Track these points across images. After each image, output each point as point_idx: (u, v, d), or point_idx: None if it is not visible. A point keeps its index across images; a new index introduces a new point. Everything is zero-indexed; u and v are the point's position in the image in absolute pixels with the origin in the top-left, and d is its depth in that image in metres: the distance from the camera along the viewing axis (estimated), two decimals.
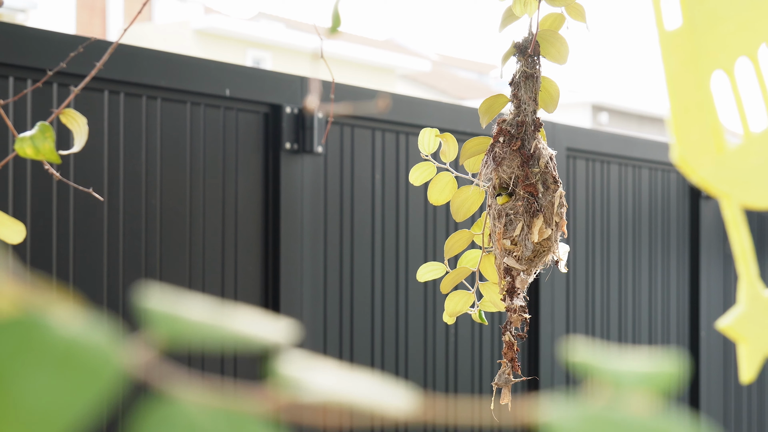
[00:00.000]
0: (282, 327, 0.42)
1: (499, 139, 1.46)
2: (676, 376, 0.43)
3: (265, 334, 0.41)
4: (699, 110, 0.90)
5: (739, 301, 0.92)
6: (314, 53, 1.72)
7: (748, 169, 0.93)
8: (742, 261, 0.92)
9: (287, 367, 0.40)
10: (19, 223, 1.47)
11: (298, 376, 0.40)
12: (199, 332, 0.39)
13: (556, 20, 1.45)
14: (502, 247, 1.46)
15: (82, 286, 2.51)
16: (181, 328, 0.39)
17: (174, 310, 0.40)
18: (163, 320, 0.39)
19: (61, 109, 1.49)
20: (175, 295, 0.42)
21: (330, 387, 0.40)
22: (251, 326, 0.41)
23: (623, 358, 0.44)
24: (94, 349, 0.36)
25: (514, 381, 1.48)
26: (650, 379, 0.42)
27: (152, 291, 0.41)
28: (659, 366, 0.43)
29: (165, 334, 0.39)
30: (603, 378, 0.42)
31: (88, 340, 0.36)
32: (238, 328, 0.41)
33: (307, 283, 3.01)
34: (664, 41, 0.89)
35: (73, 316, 0.37)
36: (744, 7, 0.93)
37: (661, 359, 0.44)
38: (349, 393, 0.40)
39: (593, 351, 0.44)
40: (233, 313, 0.42)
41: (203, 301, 0.42)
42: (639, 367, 0.43)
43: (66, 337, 0.36)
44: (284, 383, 0.39)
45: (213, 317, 0.41)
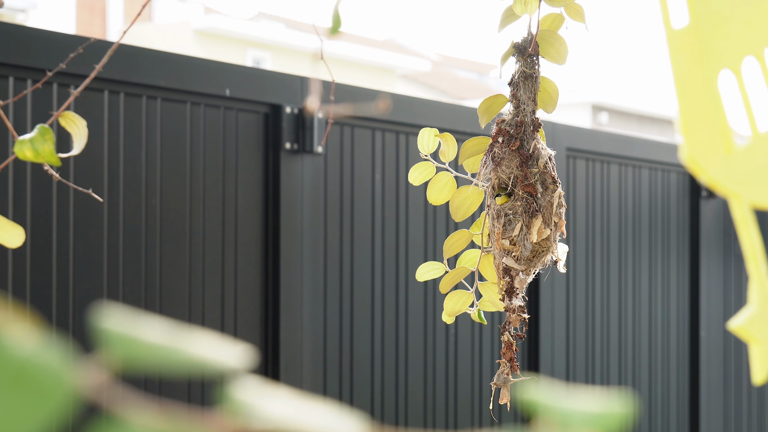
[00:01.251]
0: (237, 352, 0.42)
1: (498, 139, 1.46)
2: (623, 417, 0.44)
3: (219, 359, 0.41)
4: (707, 109, 0.90)
5: (750, 301, 0.92)
6: (314, 53, 1.72)
7: (757, 168, 0.93)
8: (753, 261, 0.91)
9: (240, 393, 0.40)
10: (18, 227, 1.47)
11: (250, 402, 0.40)
12: (154, 355, 0.39)
13: (555, 20, 1.45)
14: (501, 247, 1.46)
15: (82, 286, 2.51)
16: (136, 350, 0.39)
17: (130, 332, 0.40)
18: (118, 341, 0.39)
19: (60, 112, 1.49)
20: (133, 316, 0.42)
21: (281, 414, 0.40)
22: (207, 350, 0.41)
23: (573, 398, 0.44)
24: (47, 370, 0.36)
25: (513, 381, 1.48)
26: (598, 419, 0.43)
27: (110, 311, 0.41)
28: (608, 406, 0.44)
29: (120, 356, 0.39)
30: (552, 417, 0.43)
31: (41, 360, 0.36)
32: (194, 352, 0.41)
33: (307, 283, 3.01)
34: (671, 40, 0.89)
35: (27, 336, 0.37)
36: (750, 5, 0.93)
37: (610, 399, 0.45)
38: (300, 421, 0.40)
39: (544, 390, 0.44)
40: (190, 336, 0.42)
41: (161, 323, 0.42)
42: (588, 406, 0.44)
43: (19, 357, 0.36)
44: (236, 409, 0.39)
45: (170, 340, 0.41)
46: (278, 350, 2.92)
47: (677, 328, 4.55)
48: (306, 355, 3.00)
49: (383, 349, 3.26)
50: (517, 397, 0.44)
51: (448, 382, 3.48)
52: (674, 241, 4.55)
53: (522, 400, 0.44)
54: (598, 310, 4.15)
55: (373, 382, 3.23)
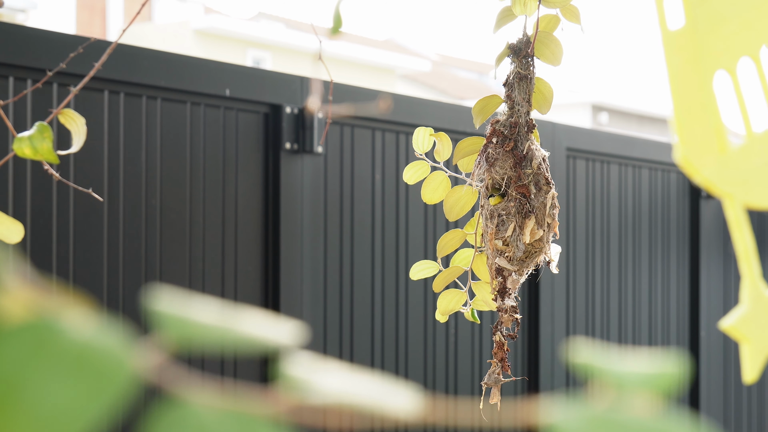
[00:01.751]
0: (288, 329, 0.42)
1: (492, 140, 1.46)
2: (678, 378, 0.43)
3: (272, 336, 0.41)
4: (702, 110, 0.90)
5: (741, 301, 0.92)
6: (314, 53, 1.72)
7: (751, 169, 0.93)
8: (745, 261, 0.92)
9: (294, 369, 0.41)
10: (17, 223, 1.47)
11: (305, 378, 0.40)
12: (208, 335, 0.40)
13: (551, 22, 1.45)
14: (494, 247, 1.46)
15: (82, 286, 2.51)
16: (191, 330, 0.40)
17: (183, 313, 0.40)
18: (172, 323, 0.40)
19: (59, 109, 1.50)
20: (183, 297, 0.42)
21: (336, 389, 0.40)
22: (258, 328, 0.41)
23: (625, 360, 0.44)
24: (107, 353, 0.36)
25: (504, 381, 1.48)
26: (652, 380, 0.42)
27: (161, 293, 0.41)
28: (661, 367, 0.43)
29: (174, 337, 0.39)
30: (605, 379, 0.42)
31: (100, 344, 0.36)
32: (246, 331, 0.41)
33: (307, 283, 3.01)
34: (667, 41, 0.89)
35: (85, 320, 0.37)
36: (746, 7, 0.93)
37: (663, 360, 0.44)
38: (355, 394, 0.40)
39: (596, 352, 0.44)
40: (240, 315, 0.42)
41: (210, 303, 0.42)
42: (641, 368, 0.43)
43: (79, 342, 0.36)
44: (292, 385, 0.40)
45: (221, 319, 0.41)
46: None
47: (677, 328, 4.55)
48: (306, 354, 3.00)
49: (383, 349, 3.26)
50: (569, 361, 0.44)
51: (448, 381, 3.48)
52: (674, 241, 4.55)
53: (575, 363, 0.43)
54: (598, 310, 4.15)
55: None
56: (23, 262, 2.41)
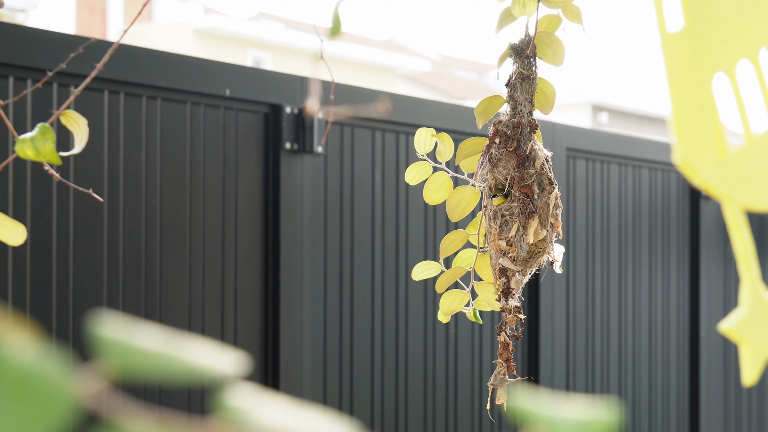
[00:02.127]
0: (233, 359, 0.42)
1: (495, 140, 1.46)
2: (612, 425, 0.44)
3: (216, 366, 0.41)
4: (701, 112, 0.90)
5: (741, 303, 0.92)
6: (314, 54, 1.72)
7: (750, 171, 0.93)
8: (744, 263, 0.92)
9: (236, 400, 0.40)
10: (19, 225, 1.47)
11: (246, 410, 0.40)
12: (151, 363, 0.39)
13: (553, 22, 1.45)
14: (498, 247, 1.46)
15: (82, 286, 2.51)
16: (133, 358, 0.39)
17: (127, 339, 0.40)
18: (115, 349, 0.39)
19: (61, 110, 1.50)
20: (130, 323, 0.42)
21: (277, 421, 0.40)
22: (201, 357, 0.41)
23: (561, 405, 0.44)
24: (48, 379, 0.36)
25: (510, 381, 1.48)
26: (585, 427, 0.43)
27: (106, 319, 0.41)
28: (595, 414, 0.44)
29: (118, 364, 0.39)
30: (541, 425, 0.43)
31: (41, 369, 0.36)
32: (191, 359, 0.41)
33: (307, 283, 3.01)
34: (666, 43, 0.89)
35: (27, 346, 0.37)
36: (745, 9, 0.93)
37: (598, 407, 0.45)
38: (295, 428, 0.40)
39: (533, 398, 0.44)
40: (187, 343, 0.42)
41: (157, 330, 0.42)
42: (576, 415, 0.44)
43: (20, 367, 0.36)
44: (232, 416, 0.39)
45: (166, 347, 0.41)
46: (278, 350, 2.92)
47: (677, 328, 4.55)
48: (306, 355, 3.00)
49: (383, 349, 3.27)
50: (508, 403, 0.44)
51: (448, 382, 3.49)
52: (674, 241, 4.55)
53: (512, 407, 0.44)
54: (598, 310, 4.15)
55: (373, 381, 3.23)
56: (22, 264, 2.41)
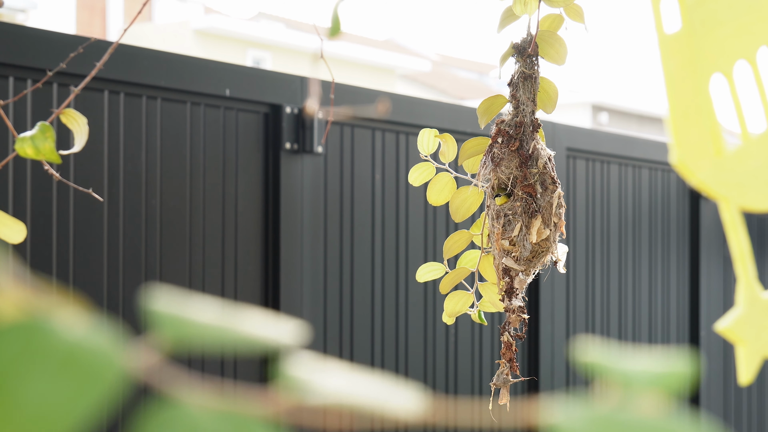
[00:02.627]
0: (289, 328, 0.42)
1: (497, 140, 1.46)
2: (687, 377, 0.42)
3: (271, 336, 0.41)
4: (698, 113, 0.90)
5: (737, 303, 0.93)
6: (314, 53, 1.72)
7: (747, 171, 0.93)
8: (741, 263, 0.92)
9: (294, 369, 0.40)
10: (19, 223, 1.47)
11: (304, 379, 0.40)
12: (205, 335, 0.39)
13: (555, 21, 1.45)
14: (501, 247, 1.46)
15: (82, 286, 2.51)
16: (187, 330, 0.39)
17: (180, 313, 0.40)
18: (168, 323, 0.39)
19: (61, 109, 1.50)
20: (181, 296, 0.41)
21: (336, 389, 0.39)
22: (258, 328, 0.41)
23: (633, 358, 0.43)
24: (97, 353, 0.36)
25: (513, 381, 1.48)
26: (660, 379, 0.41)
27: (158, 293, 0.41)
28: (669, 366, 0.42)
29: (170, 337, 0.39)
30: (612, 378, 0.41)
31: (90, 343, 0.36)
32: (245, 330, 0.40)
33: (307, 283, 3.01)
34: (663, 45, 0.89)
35: (76, 320, 0.37)
36: (743, 10, 0.93)
37: (671, 359, 0.43)
38: (356, 395, 0.39)
39: (603, 350, 0.43)
40: (240, 314, 0.42)
41: (209, 303, 0.42)
42: (649, 367, 0.42)
43: (69, 341, 0.36)
44: (291, 385, 0.39)
45: (219, 319, 0.41)
46: None
47: (677, 328, 4.55)
48: None
49: (383, 349, 3.27)
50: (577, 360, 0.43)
51: (448, 382, 3.49)
52: (674, 241, 4.55)
53: (582, 362, 0.42)
54: (598, 310, 4.15)
55: None
56: (22, 263, 2.41)
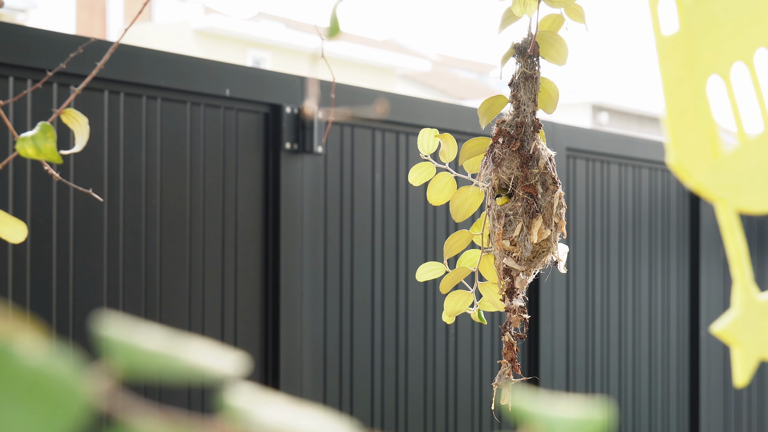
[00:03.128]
0: (233, 359, 0.43)
1: (498, 140, 1.46)
2: (605, 424, 0.45)
3: (217, 366, 0.42)
4: (695, 115, 0.90)
5: (733, 305, 0.93)
6: (314, 53, 1.72)
7: (744, 173, 0.93)
8: (737, 265, 0.92)
9: (238, 399, 0.41)
10: (20, 222, 1.47)
11: (248, 409, 0.41)
12: (155, 363, 0.40)
13: (556, 21, 1.45)
14: (502, 247, 1.46)
15: (82, 286, 2.51)
16: (138, 358, 0.40)
17: (131, 340, 0.40)
18: (120, 350, 0.40)
19: (62, 109, 1.50)
20: (133, 323, 0.42)
21: (279, 420, 0.40)
22: (204, 357, 0.42)
23: (556, 405, 0.46)
24: (61, 380, 0.36)
25: (515, 381, 1.48)
26: (580, 425, 0.45)
27: (110, 319, 0.42)
28: (589, 413, 0.45)
29: (123, 364, 0.39)
30: (537, 424, 0.44)
31: (54, 370, 0.36)
32: (192, 360, 0.41)
33: (307, 283, 3.01)
34: (660, 46, 0.89)
35: (37, 346, 0.37)
36: (740, 11, 0.93)
37: (591, 407, 0.46)
38: (297, 427, 0.41)
39: (529, 397, 0.46)
40: (188, 343, 0.42)
41: (159, 331, 0.42)
42: (570, 413, 0.45)
43: (33, 367, 0.36)
44: (235, 415, 0.40)
45: (169, 347, 0.41)
46: (278, 350, 2.92)
47: (677, 328, 4.55)
48: (306, 355, 3.01)
49: (383, 349, 3.27)
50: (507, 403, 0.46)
51: (448, 382, 3.49)
52: (674, 241, 4.55)
53: (510, 406, 0.46)
54: (598, 310, 4.15)
55: (373, 382, 3.23)
56: (22, 262, 2.41)
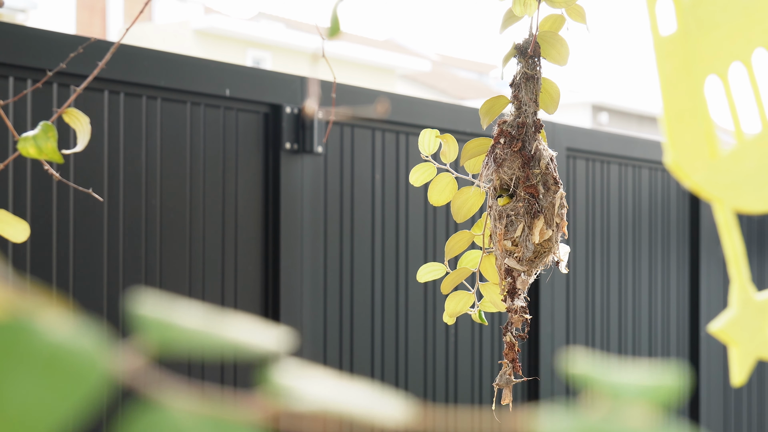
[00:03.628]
0: (277, 334, 0.42)
1: (499, 141, 1.46)
2: (677, 390, 0.42)
3: (259, 342, 0.41)
4: (693, 115, 0.90)
5: (730, 304, 0.93)
6: (314, 53, 1.72)
7: (741, 173, 0.93)
8: (734, 265, 0.92)
9: (281, 375, 0.40)
10: (23, 222, 1.47)
11: (291, 385, 0.40)
12: (191, 339, 0.39)
13: (557, 21, 1.45)
14: (503, 248, 1.46)
15: (82, 286, 2.51)
16: (173, 335, 0.39)
17: (167, 317, 0.40)
18: (155, 327, 0.39)
19: (63, 109, 1.50)
20: (170, 300, 0.41)
21: (323, 396, 0.39)
22: (245, 333, 0.41)
23: (623, 370, 0.43)
24: (80, 354, 0.36)
25: (515, 381, 1.48)
26: (650, 391, 0.42)
27: (146, 296, 0.41)
28: (660, 378, 0.43)
29: (156, 341, 0.39)
30: (602, 390, 0.41)
31: (74, 344, 0.36)
32: (232, 336, 0.40)
33: (307, 283, 3.01)
34: (658, 47, 0.89)
35: (60, 321, 0.37)
36: (738, 12, 0.93)
37: (662, 372, 0.43)
38: (343, 402, 0.39)
39: (593, 362, 0.43)
40: (228, 319, 0.42)
41: (198, 308, 0.42)
42: (639, 379, 0.42)
43: (52, 342, 0.36)
44: (276, 391, 0.39)
45: (207, 324, 0.41)
46: None
47: (677, 327, 4.55)
48: (306, 355, 3.01)
49: (383, 349, 3.27)
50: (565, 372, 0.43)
51: (448, 382, 3.49)
52: (674, 241, 4.55)
53: (571, 373, 0.43)
54: (598, 310, 4.15)
55: (373, 382, 3.23)
56: (22, 262, 2.41)
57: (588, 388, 0.42)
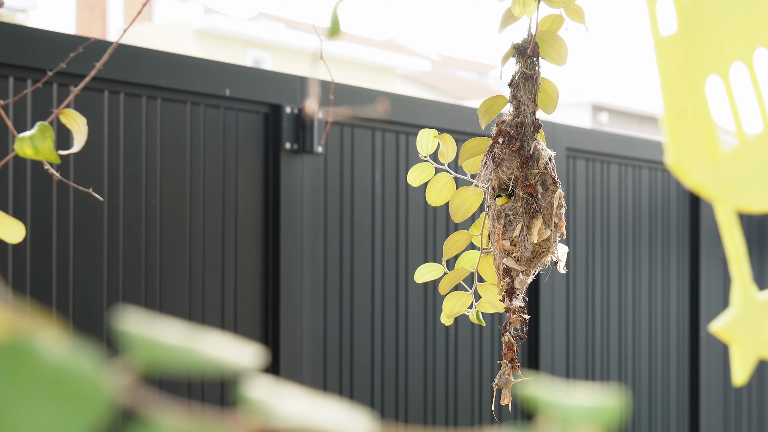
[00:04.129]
0: (250, 352, 0.43)
1: (498, 140, 1.46)
2: (620, 411, 0.47)
3: (234, 359, 0.42)
4: (694, 115, 0.90)
5: (732, 303, 0.93)
6: (314, 54, 1.72)
7: (743, 172, 0.93)
8: (735, 264, 0.92)
9: (257, 392, 0.41)
10: (18, 222, 1.47)
11: (268, 402, 0.41)
12: (174, 357, 0.40)
13: (555, 21, 1.45)
14: (501, 248, 1.46)
15: (82, 286, 2.51)
16: (158, 352, 0.40)
17: (151, 334, 0.41)
18: (141, 344, 0.40)
19: (60, 109, 1.50)
20: (151, 318, 0.42)
21: (299, 413, 0.41)
22: (222, 351, 0.42)
23: (571, 394, 0.47)
24: (84, 376, 0.36)
25: (515, 381, 1.48)
26: (596, 413, 0.46)
27: (129, 314, 0.42)
28: (603, 401, 0.47)
29: (143, 359, 0.39)
30: (552, 412, 0.45)
31: (76, 366, 0.36)
32: (210, 353, 0.41)
33: (307, 283, 3.01)
34: (659, 46, 0.89)
35: (59, 342, 0.37)
36: (739, 12, 0.93)
37: (605, 395, 0.47)
38: (317, 419, 0.41)
39: (544, 386, 0.47)
40: (205, 337, 0.43)
41: (177, 325, 0.42)
42: (586, 402, 0.46)
43: (56, 364, 0.36)
44: (255, 408, 0.40)
45: (187, 341, 0.41)
46: (278, 350, 2.92)
47: (677, 328, 4.55)
48: (306, 355, 3.00)
49: (383, 349, 3.27)
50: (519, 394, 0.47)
51: (448, 382, 3.49)
52: (674, 241, 4.55)
53: (523, 397, 0.46)
54: (598, 310, 4.15)
55: (373, 382, 3.23)
56: (21, 262, 2.41)
57: (541, 411, 0.46)
